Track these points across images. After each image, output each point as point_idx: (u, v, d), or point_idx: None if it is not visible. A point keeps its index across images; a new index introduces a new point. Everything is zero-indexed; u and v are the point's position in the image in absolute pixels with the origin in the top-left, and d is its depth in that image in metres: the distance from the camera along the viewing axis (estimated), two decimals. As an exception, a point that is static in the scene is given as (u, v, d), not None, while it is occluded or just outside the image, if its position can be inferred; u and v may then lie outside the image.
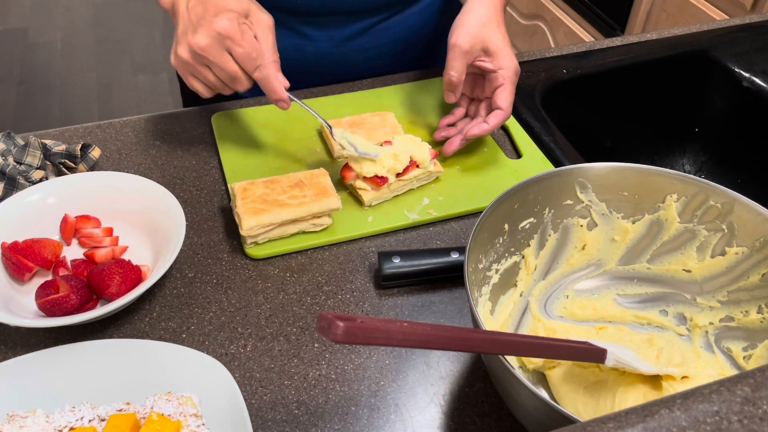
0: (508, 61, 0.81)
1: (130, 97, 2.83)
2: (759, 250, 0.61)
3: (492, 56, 0.81)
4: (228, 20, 0.70)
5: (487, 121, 0.83)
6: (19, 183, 0.75)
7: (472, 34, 0.80)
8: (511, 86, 0.82)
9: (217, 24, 0.70)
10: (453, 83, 0.82)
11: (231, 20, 0.70)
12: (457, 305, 0.71)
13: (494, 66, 0.81)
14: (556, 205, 0.66)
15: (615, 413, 0.33)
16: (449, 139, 0.86)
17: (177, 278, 0.72)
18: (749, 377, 0.35)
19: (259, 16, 0.74)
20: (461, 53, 0.80)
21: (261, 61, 0.73)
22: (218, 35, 0.70)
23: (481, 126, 0.83)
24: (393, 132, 0.86)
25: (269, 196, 0.74)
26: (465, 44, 0.80)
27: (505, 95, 0.82)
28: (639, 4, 2.00)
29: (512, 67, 0.81)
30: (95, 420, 0.54)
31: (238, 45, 0.71)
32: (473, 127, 0.83)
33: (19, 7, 3.37)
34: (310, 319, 0.69)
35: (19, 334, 0.66)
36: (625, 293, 0.70)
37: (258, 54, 0.73)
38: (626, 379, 0.59)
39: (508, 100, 0.82)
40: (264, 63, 0.73)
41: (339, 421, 0.60)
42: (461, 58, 0.81)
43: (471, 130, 0.83)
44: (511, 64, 0.81)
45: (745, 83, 1.04)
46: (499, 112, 0.82)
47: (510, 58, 0.81)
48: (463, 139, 0.85)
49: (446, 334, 0.44)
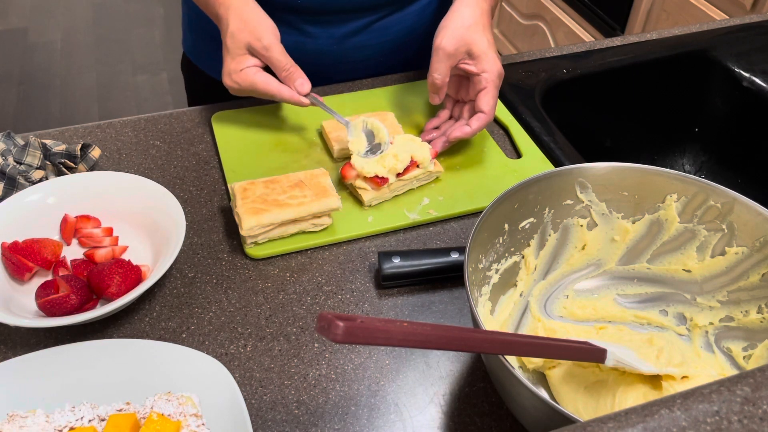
0: (492, 65, 0.81)
1: (130, 97, 2.83)
2: (759, 250, 0.61)
3: (476, 59, 0.82)
4: (227, 82, 0.82)
5: (469, 124, 0.83)
6: (19, 183, 0.75)
7: (456, 37, 0.81)
8: (494, 89, 0.82)
9: (225, 84, 0.82)
10: (437, 85, 0.83)
11: (229, 81, 0.81)
12: (457, 305, 0.71)
13: (477, 69, 0.82)
14: (556, 205, 0.66)
15: (615, 413, 0.33)
16: (432, 141, 0.86)
17: (177, 278, 0.72)
18: (749, 377, 0.35)
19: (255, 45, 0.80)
20: (445, 56, 0.81)
21: (266, 89, 0.81)
22: (232, 90, 0.83)
23: (463, 129, 0.83)
24: (393, 132, 0.86)
25: (269, 196, 0.74)
26: (449, 47, 0.81)
27: (487, 99, 0.82)
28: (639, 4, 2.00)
29: (495, 70, 0.82)
30: (95, 420, 0.54)
31: (253, 94, 0.83)
32: (455, 129, 0.84)
33: (19, 7, 3.37)
34: (310, 319, 0.69)
35: (19, 334, 0.66)
36: (625, 293, 0.70)
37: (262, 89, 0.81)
38: (626, 379, 0.59)
39: (490, 103, 0.82)
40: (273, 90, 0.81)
41: (339, 421, 0.60)
42: (445, 60, 0.81)
43: (453, 133, 0.84)
44: (494, 68, 0.82)
45: (745, 83, 1.04)
46: (482, 115, 0.83)
47: (494, 62, 0.82)
48: (446, 141, 0.85)
49: (446, 334, 0.44)
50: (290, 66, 0.82)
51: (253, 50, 0.80)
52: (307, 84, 0.82)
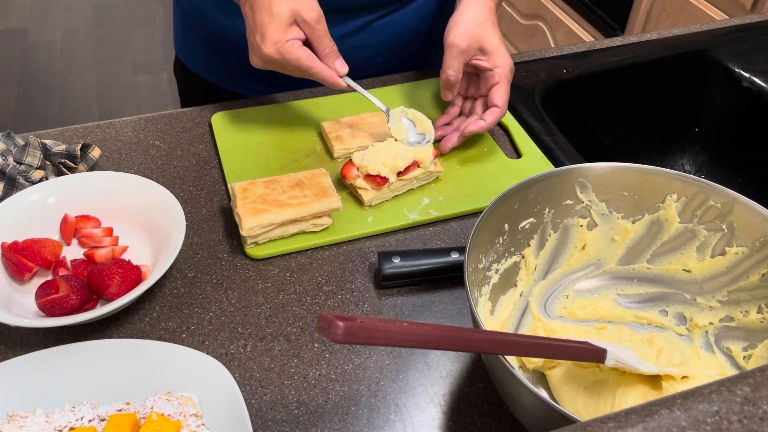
0: (504, 60, 0.84)
1: (130, 97, 2.83)
2: (759, 250, 0.61)
3: (488, 55, 0.84)
4: (269, 52, 0.76)
5: (483, 118, 0.85)
6: (19, 183, 0.75)
7: (468, 34, 0.82)
8: (507, 84, 0.84)
9: (263, 54, 0.76)
10: (451, 82, 0.84)
11: (272, 51, 0.75)
12: (457, 305, 0.71)
13: (490, 64, 0.84)
14: (556, 205, 0.66)
15: (615, 413, 0.33)
16: (446, 136, 0.87)
17: (177, 278, 0.72)
18: (749, 377, 0.35)
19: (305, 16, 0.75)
20: (459, 52, 0.82)
21: (309, 65, 0.77)
22: (268, 60, 0.77)
23: (478, 123, 0.85)
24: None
25: (269, 196, 0.74)
26: (462, 43, 0.82)
27: (501, 93, 0.84)
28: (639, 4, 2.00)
29: (507, 65, 0.84)
30: (95, 420, 0.54)
31: (285, 69, 0.78)
32: (470, 124, 0.85)
33: (19, 7, 3.37)
34: (310, 319, 0.69)
35: (19, 334, 0.66)
36: (625, 293, 0.70)
37: (305, 64, 0.77)
38: (626, 379, 0.59)
39: (504, 97, 0.84)
40: (317, 68, 0.77)
41: (339, 421, 0.60)
42: (459, 57, 0.83)
43: (468, 127, 0.85)
44: (506, 63, 0.84)
45: (745, 83, 1.04)
46: (496, 109, 0.84)
47: (505, 57, 0.84)
48: (460, 135, 0.86)
49: (446, 334, 0.44)
50: (333, 44, 0.79)
51: (302, 21, 0.76)
52: (345, 66, 0.81)
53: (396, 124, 0.84)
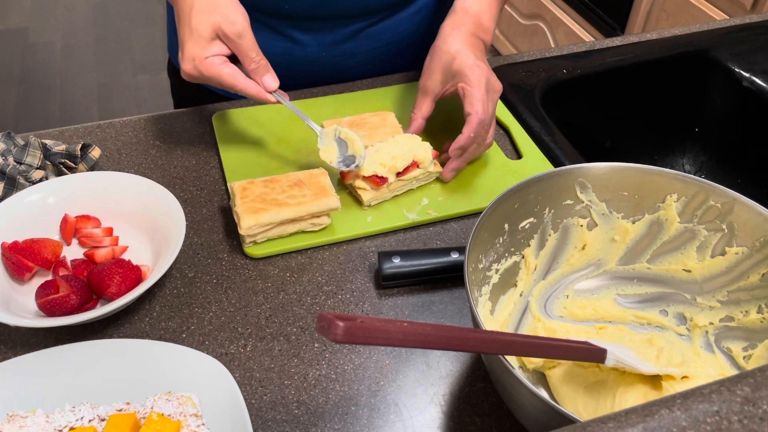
0: (478, 74, 0.79)
1: (130, 97, 2.83)
2: (759, 250, 0.61)
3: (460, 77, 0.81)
4: (187, 69, 0.74)
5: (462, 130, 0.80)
6: (19, 183, 0.75)
7: (445, 74, 0.82)
8: (479, 91, 0.79)
9: (182, 70, 0.75)
10: (417, 124, 0.85)
11: (190, 68, 0.74)
12: (457, 305, 0.71)
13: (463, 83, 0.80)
14: (556, 205, 0.66)
15: (615, 413, 0.33)
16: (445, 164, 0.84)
17: (177, 278, 0.72)
18: (749, 377, 0.35)
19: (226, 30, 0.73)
20: (434, 96, 0.85)
21: (232, 82, 0.75)
22: (189, 76, 0.75)
23: (457, 138, 0.80)
24: (393, 132, 0.86)
25: (268, 196, 0.74)
26: (437, 89, 0.84)
27: (470, 100, 0.79)
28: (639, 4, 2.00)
29: (479, 75, 0.79)
30: (95, 420, 0.54)
31: (212, 84, 0.76)
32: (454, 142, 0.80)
33: (19, 7, 3.37)
34: (310, 319, 0.69)
35: (19, 334, 0.66)
36: (625, 293, 0.70)
37: (227, 81, 0.75)
38: (626, 379, 0.59)
39: (475, 105, 0.78)
40: (239, 85, 0.75)
41: (339, 421, 0.60)
42: (432, 101, 0.85)
43: (452, 146, 0.80)
44: (478, 73, 0.79)
45: (745, 83, 1.04)
46: (469, 117, 0.79)
47: (479, 69, 0.80)
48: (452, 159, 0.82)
49: (446, 334, 0.44)
50: (261, 59, 0.76)
51: (223, 35, 0.74)
52: (275, 81, 0.78)
53: (327, 145, 0.80)
